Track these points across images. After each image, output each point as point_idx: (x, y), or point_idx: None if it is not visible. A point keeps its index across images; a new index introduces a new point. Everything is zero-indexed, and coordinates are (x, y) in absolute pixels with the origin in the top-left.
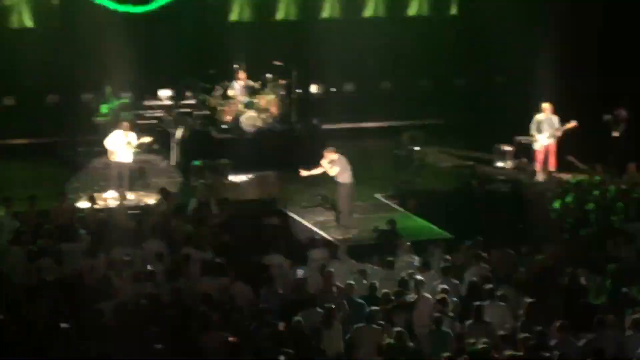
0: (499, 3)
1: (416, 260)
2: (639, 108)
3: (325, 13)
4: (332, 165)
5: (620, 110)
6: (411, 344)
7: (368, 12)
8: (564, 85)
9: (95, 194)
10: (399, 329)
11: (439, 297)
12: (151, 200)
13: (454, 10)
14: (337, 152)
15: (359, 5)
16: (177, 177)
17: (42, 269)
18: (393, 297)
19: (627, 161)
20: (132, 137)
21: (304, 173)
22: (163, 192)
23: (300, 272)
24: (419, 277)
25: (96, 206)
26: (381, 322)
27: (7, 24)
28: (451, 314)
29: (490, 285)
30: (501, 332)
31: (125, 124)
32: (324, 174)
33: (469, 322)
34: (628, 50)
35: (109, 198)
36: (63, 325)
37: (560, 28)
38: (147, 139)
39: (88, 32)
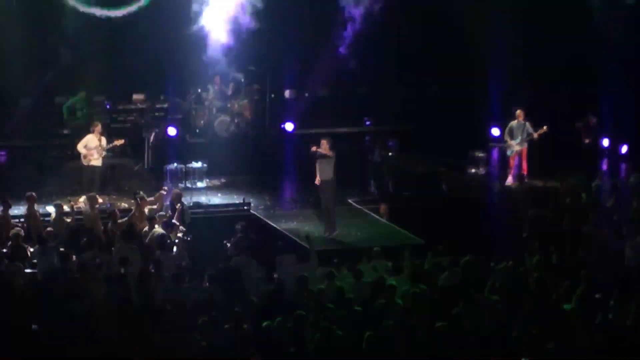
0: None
1: (388, 265)
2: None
3: None
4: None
5: (590, 117)
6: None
7: None
8: (537, 92)
9: (67, 199)
10: (369, 333)
11: (411, 301)
12: (124, 204)
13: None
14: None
15: None
16: (150, 181)
17: (13, 272)
18: (364, 302)
19: (597, 168)
20: (104, 141)
21: (314, 148)
22: (136, 196)
23: (273, 277)
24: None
25: (66, 210)
26: (348, 325)
27: None
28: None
29: (463, 290)
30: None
31: (98, 127)
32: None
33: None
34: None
35: (82, 202)
36: (34, 326)
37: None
38: (119, 141)
39: (62, 35)
